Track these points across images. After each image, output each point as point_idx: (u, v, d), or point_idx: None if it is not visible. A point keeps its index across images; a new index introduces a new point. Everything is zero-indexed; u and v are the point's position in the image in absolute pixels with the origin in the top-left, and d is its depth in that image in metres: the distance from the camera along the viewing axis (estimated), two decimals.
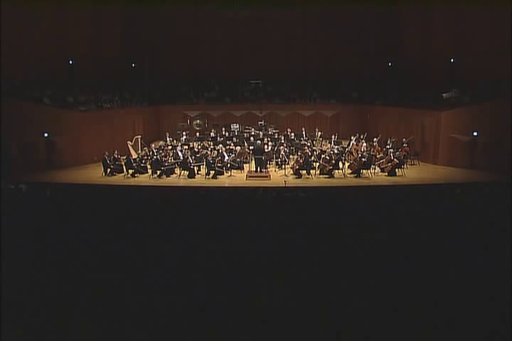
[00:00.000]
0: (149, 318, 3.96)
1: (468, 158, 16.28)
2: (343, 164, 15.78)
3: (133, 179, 15.02)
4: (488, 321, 3.92)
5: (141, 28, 23.84)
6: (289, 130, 19.48)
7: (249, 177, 14.97)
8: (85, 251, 5.49)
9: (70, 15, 19.16)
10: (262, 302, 4.22)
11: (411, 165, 16.96)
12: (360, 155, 15.64)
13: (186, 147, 17.28)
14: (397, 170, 15.39)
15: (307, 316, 4.03)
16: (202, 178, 15.09)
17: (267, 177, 14.89)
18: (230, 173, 15.53)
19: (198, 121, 22.35)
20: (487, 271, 4.74)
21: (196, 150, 16.87)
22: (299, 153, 16.22)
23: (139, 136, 18.76)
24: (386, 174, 15.41)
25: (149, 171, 15.39)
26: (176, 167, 15.67)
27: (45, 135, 16.19)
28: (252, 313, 4.06)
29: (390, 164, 15.38)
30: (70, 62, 19.37)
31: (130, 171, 15.32)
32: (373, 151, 16.76)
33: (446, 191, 11.31)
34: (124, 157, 16.24)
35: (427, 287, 4.47)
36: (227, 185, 14.22)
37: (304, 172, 15.16)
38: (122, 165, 15.54)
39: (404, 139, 17.18)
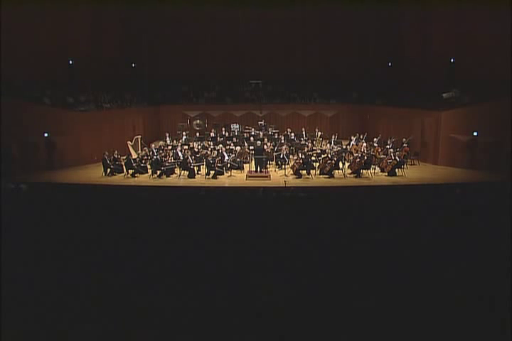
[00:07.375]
0: (150, 318, 3.97)
1: (468, 158, 16.27)
2: (343, 164, 15.78)
3: (133, 179, 15.03)
4: (488, 321, 3.92)
5: (141, 28, 23.85)
6: (289, 130, 19.48)
7: (249, 177, 14.98)
8: (85, 251, 5.49)
9: (70, 15, 19.14)
10: (263, 303, 4.22)
11: (411, 165, 16.97)
12: (360, 155, 15.64)
13: (186, 147, 17.27)
14: (397, 170, 15.40)
15: (307, 316, 4.03)
16: (202, 178, 15.10)
17: (267, 177, 14.90)
18: (230, 173, 15.54)
19: (198, 121, 22.35)
20: (487, 271, 4.74)
21: (196, 150, 16.87)
22: (299, 153, 16.23)
23: (139, 136, 18.76)
24: (386, 174, 15.41)
25: (149, 171, 15.39)
26: (175, 167, 15.68)
27: (45, 135, 16.19)
28: (252, 313, 4.06)
29: (390, 164, 15.39)
30: (70, 62, 19.36)
31: (130, 171, 15.33)
32: (373, 151, 16.76)
33: (446, 191, 11.30)
34: (124, 157, 16.24)
35: (426, 287, 4.47)
36: (227, 185, 14.23)
37: (304, 172, 15.17)
38: (122, 165, 15.55)
39: (404, 139, 17.20)
